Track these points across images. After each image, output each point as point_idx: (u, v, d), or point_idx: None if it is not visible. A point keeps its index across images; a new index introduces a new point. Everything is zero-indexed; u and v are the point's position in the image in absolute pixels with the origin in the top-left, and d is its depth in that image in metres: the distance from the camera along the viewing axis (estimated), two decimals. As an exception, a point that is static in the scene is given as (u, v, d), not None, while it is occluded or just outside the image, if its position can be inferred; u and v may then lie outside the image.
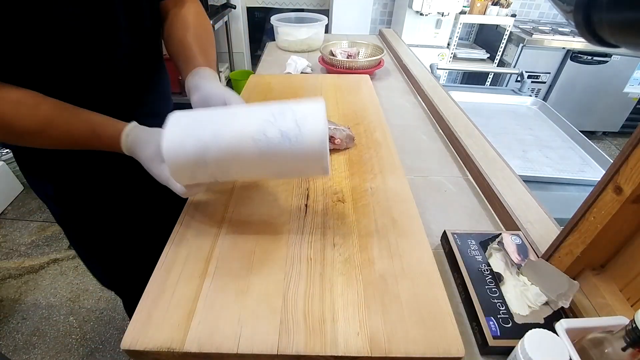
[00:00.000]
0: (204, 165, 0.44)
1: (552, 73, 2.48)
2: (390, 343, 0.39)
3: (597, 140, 2.87)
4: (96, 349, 1.32)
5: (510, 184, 0.70)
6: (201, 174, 0.45)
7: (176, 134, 0.44)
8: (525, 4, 2.72)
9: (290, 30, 1.44)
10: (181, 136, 0.43)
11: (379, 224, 0.55)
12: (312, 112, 0.43)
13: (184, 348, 0.38)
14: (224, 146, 0.43)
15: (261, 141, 0.42)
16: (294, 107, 0.44)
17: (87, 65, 0.53)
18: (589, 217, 0.43)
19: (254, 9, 2.87)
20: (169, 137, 0.43)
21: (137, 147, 0.49)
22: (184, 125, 0.44)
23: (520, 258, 0.52)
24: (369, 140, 0.76)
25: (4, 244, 1.71)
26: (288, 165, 0.45)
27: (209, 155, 0.43)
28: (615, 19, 0.24)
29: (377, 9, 2.58)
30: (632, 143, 0.37)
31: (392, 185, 0.63)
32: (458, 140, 0.83)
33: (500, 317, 0.45)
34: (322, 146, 0.42)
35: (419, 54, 1.45)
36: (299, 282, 0.46)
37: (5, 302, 1.46)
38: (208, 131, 0.43)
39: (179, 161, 0.43)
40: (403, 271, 0.47)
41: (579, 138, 1.19)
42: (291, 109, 0.43)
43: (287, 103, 0.45)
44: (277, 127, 0.42)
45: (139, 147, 0.49)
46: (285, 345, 0.39)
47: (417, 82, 1.15)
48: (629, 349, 0.33)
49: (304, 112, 0.43)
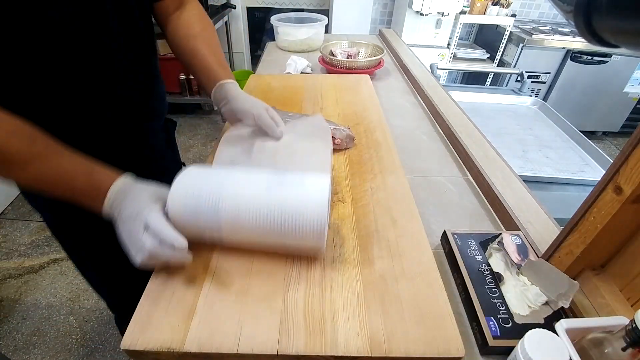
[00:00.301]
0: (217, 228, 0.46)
1: (552, 73, 2.48)
2: (390, 343, 0.39)
3: (597, 140, 2.87)
4: (96, 349, 1.32)
5: (510, 184, 0.70)
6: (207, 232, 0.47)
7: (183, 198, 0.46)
8: (525, 4, 2.72)
9: (290, 30, 1.44)
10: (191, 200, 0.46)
11: (379, 224, 0.55)
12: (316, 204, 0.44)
13: (184, 348, 0.38)
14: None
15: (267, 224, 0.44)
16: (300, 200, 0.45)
17: (81, 70, 0.51)
18: (589, 217, 0.43)
19: (254, 9, 2.87)
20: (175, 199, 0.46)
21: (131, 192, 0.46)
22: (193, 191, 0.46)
23: (520, 258, 0.52)
24: (369, 140, 0.76)
25: (4, 244, 1.71)
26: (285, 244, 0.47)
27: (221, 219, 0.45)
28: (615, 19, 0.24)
29: (377, 9, 2.58)
30: (632, 143, 0.37)
31: (392, 185, 0.63)
32: (458, 140, 0.83)
33: (500, 317, 0.45)
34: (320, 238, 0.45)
35: (419, 54, 1.45)
36: (299, 282, 0.46)
37: (5, 302, 1.46)
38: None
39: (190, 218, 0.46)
40: (403, 271, 0.47)
41: (579, 138, 1.19)
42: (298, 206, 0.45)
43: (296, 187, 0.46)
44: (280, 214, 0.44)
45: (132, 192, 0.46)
46: (285, 345, 0.39)
47: (417, 82, 1.15)
48: (629, 349, 0.33)
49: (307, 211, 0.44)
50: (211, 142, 2.54)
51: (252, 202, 0.45)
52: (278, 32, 1.47)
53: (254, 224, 0.44)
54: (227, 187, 0.46)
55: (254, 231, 0.45)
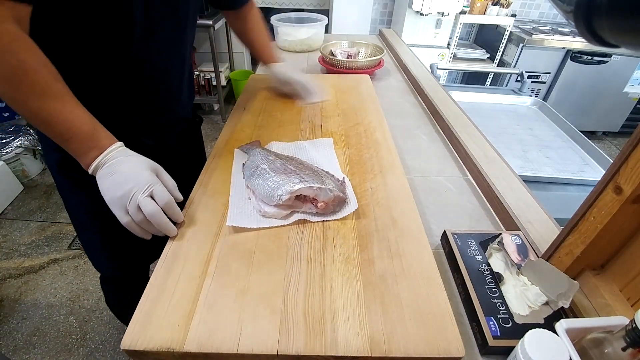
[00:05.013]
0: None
1: (552, 73, 2.48)
2: (390, 343, 0.39)
3: (597, 140, 2.87)
4: (96, 349, 1.32)
5: (510, 184, 0.70)
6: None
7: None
8: (525, 4, 2.72)
9: (290, 30, 1.44)
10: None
11: (379, 224, 0.55)
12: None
13: (184, 348, 0.38)
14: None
15: None
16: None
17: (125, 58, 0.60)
18: (589, 217, 0.43)
19: (254, 9, 2.87)
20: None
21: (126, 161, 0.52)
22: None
23: (520, 258, 0.52)
24: (369, 140, 0.76)
25: (4, 244, 1.71)
26: None
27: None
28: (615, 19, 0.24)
29: (377, 9, 2.58)
30: (632, 143, 0.37)
31: (392, 185, 0.63)
32: (458, 140, 0.83)
33: (500, 317, 0.45)
34: None
35: (419, 54, 1.45)
36: (299, 282, 0.46)
37: (5, 302, 1.46)
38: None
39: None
40: (403, 271, 0.47)
41: (579, 138, 1.19)
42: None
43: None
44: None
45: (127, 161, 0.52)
46: (285, 345, 0.39)
47: (417, 82, 1.15)
48: (629, 349, 0.33)
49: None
50: (211, 142, 2.54)
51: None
52: (278, 32, 1.47)
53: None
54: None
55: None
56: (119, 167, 0.50)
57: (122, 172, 0.50)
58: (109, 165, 0.50)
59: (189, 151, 0.88)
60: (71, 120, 0.49)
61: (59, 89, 0.49)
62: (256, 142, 0.72)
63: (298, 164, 0.61)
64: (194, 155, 0.93)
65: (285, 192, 0.53)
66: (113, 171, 0.50)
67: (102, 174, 0.50)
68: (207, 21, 2.24)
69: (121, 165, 0.50)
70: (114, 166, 0.50)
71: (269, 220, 0.55)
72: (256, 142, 0.72)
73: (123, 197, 0.48)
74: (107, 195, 0.50)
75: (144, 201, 0.48)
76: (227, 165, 0.66)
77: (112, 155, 0.51)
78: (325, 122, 0.83)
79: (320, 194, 0.54)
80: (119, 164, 0.50)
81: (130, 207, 0.48)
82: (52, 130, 0.49)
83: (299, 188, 0.53)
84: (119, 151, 0.52)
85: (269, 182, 0.55)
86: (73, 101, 0.50)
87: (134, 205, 0.48)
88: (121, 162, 0.51)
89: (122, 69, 0.62)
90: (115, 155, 0.51)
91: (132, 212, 0.49)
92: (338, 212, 0.56)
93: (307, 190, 0.54)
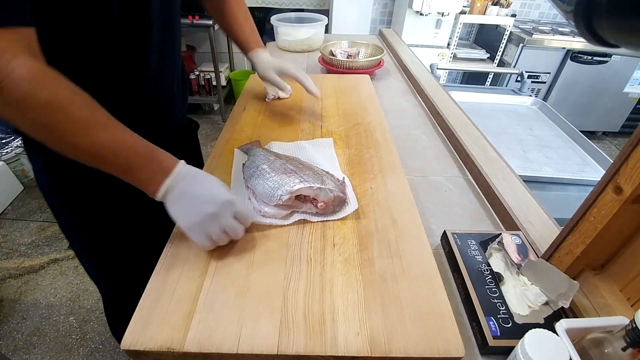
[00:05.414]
0: None
1: (552, 73, 2.48)
2: (390, 343, 0.39)
3: (597, 140, 2.87)
4: (96, 349, 1.32)
5: (510, 184, 0.70)
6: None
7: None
8: (525, 4, 2.71)
9: (290, 30, 1.44)
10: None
11: (379, 224, 0.55)
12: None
13: (184, 348, 0.38)
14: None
15: None
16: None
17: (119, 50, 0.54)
18: (589, 217, 0.43)
19: (254, 9, 2.87)
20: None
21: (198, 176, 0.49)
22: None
23: (520, 258, 0.52)
24: (369, 140, 0.76)
25: (4, 244, 1.71)
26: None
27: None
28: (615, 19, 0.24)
29: (377, 9, 2.58)
30: (632, 143, 0.37)
31: (392, 185, 0.63)
32: (458, 140, 0.83)
33: (500, 317, 0.45)
34: None
35: (419, 54, 1.45)
36: (299, 282, 0.46)
37: (5, 302, 1.46)
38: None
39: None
40: (403, 271, 0.47)
41: (579, 138, 1.19)
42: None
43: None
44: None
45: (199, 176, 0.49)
46: (285, 345, 0.39)
47: (417, 82, 1.15)
48: (629, 349, 0.33)
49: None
50: (211, 142, 2.54)
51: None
52: (278, 32, 1.47)
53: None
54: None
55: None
56: (190, 189, 0.47)
57: (197, 195, 0.46)
58: (179, 188, 0.46)
59: (187, 159, 0.83)
60: (126, 149, 0.44)
61: (101, 116, 0.43)
62: (256, 142, 0.72)
63: (298, 164, 0.61)
64: (192, 163, 0.84)
65: (285, 192, 0.53)
66: (186, 194, 0.46)
67: (173, 199, 0.46)
68: (207, 21, 2.24)
69: (192, 187, 0.47)
70: (185, 189, 0.46)
71: (269, 219, 0.55)
72: (256, 142, 0.72)
73: (203, 222, 0.46)
74: (183, 221, 0.46)
75: (232, 225, 0.47)
76: (227, 165, 0.66)
77: (181, 177, 0.47)
78: (325, 122, 0.83)
79: (320, 194, 0.54)
80: (189, 186, 0.47)
81: (213, 232, 0.46)
82: (110, 164, 0.44)
83: (299, 188, 0.53)
84: (185, 171, 0.48)
85: (269, 182, 0.55)
86: (119, 126, 0.45)
87: (218, 230, 0.46)
88: (191, 185, 0.47)
89: (117, 80, 0.57)
90: (183, 176, 0.47)
91: (217, 238, 0.47)
92: (338, 212, 0.56)
93: (307, 191, 0.54)
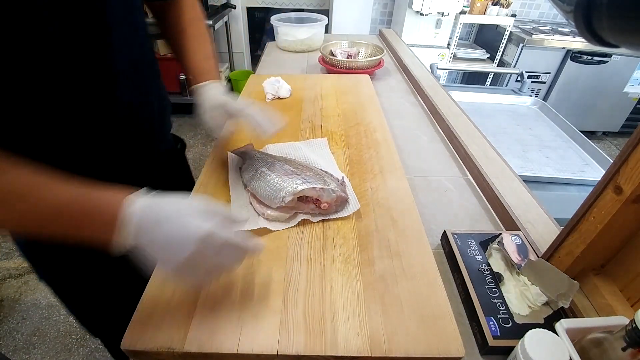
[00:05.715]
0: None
1: (552, 73, 2.48)
2: (390, 343, 0.39)
3: (597, 140, 2.87)
4: (96, 349, 1.32)
5: (510, 184, 0.70)
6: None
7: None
8: (525, 4, 2.72)
9: (290, 30, 1.44)
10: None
11: (379, 224, 0.55)
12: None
13: (184, 348, 0.38)
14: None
15: None
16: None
17: (81, 82, 0.47)
18: (589, 217, 0.43)
19: (254, 9, 2.87)
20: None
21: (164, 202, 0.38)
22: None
23: (520, 258, 0.52)
24: (369, 140, 0.76)
25: (4, 244, 1.71)
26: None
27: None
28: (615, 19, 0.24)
29: (377, 9, 2.58)
30: (632, 143, 0.37)
31: (392, 185, 0.63)
32: (458, 140, 0.83)
33: (500, 317, 0.45)
34: None
35: (419, 54, 1.45)
36: (299, 282, 0.46)
37: (5, 302, 1.46)
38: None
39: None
40: (403, 271, 0.47)
41: (579, 138, 1.19)
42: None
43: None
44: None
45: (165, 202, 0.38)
46: (285, 345, 0.39)
47: (417, 82, 1.15)
48: (629, 349, 0.33)
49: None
50: (211, 142, 2.54)
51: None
52: (278, 32, 1.47)
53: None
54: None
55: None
56: (157, 229, 0.37)
57: (167, 236, 0.37)
58: (142, 231, 0.37)
59: (176, 183, 0.71)
60: (58, 208, 0.37)
61: (23, 184, 0.36)
62: (249, 145, 0.71)
63: (297, 165, 0.60)
64: (181, 186, 0.68)
65: (288, 194, 0.53)
66: (153, 239, 0.37)
67: (142, 247, 0.37)
68: (207, 21, 2.24)
69: (159, 227, 0.37)
70: (149, 230, 0.37)
71: (272, 223, 0.54)
72: (249, 145, 0.71)
73: (183, 269, 0.37)
74: (163, 270, 0.39)
75: (220, 263, 0.39)
76: (227, 166, 0.66)
77: (137, 218, 0.37)
78: (325, 122, 0.83)
79: (323, 195, 0.54)
80: (155, 226, 0.37)
81: (201, 275, 0.39)
82: (53, 233, 0.37)
83: (302, 189, 0.53)
84: (140, 208, 0.37)
85: (270, 184, 0.55)
86: (48, 186, 0.37)
87: (204, 272, 0.39)
88: (157, 224, 0.37)
89: (88, 111, 0.50)
90: (140, 217, 0.37)
91: (209, 278, 0.41)
92: (340, 211, 0.56)
93: (310, 192, 0.54)
